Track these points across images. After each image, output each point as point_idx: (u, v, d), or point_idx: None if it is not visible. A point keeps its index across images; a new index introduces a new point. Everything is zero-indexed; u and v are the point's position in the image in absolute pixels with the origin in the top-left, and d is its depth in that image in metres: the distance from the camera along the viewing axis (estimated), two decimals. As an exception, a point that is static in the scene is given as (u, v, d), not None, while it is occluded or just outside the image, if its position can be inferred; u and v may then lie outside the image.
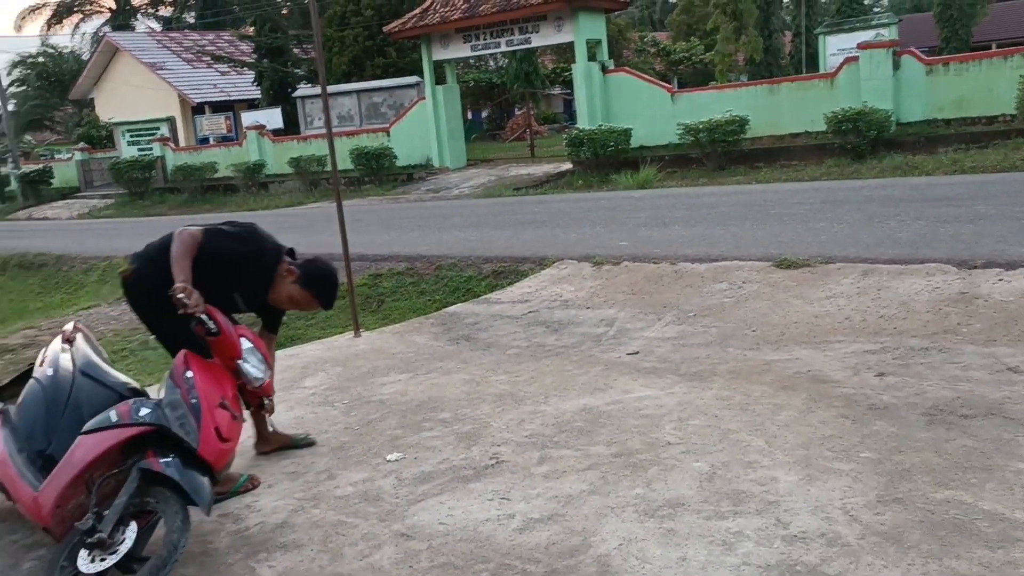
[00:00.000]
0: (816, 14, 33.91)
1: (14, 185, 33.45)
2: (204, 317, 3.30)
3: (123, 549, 2.91)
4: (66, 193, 31.68)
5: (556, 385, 5.13)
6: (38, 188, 32.33)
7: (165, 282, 3.44)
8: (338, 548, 3.32)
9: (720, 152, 16.98)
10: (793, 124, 17.86)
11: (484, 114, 38.36)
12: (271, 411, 4.08)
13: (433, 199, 18.58)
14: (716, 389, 4.77)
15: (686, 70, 38.40)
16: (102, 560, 2.90)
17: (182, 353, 3.37)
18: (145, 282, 3.71)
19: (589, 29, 20.24)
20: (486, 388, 5.22)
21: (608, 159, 17.80)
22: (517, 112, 35.78)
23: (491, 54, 30.94)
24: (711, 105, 18.14)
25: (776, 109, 18.06)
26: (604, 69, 20.35)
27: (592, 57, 20.33)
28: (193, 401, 3.16)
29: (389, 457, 4.19)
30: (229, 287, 3.81)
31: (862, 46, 17.59)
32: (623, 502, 3.47)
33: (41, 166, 33.91)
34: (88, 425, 3.19)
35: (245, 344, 3.53)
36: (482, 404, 4.89)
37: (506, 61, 32.98)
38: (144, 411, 3.15)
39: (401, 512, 3.58)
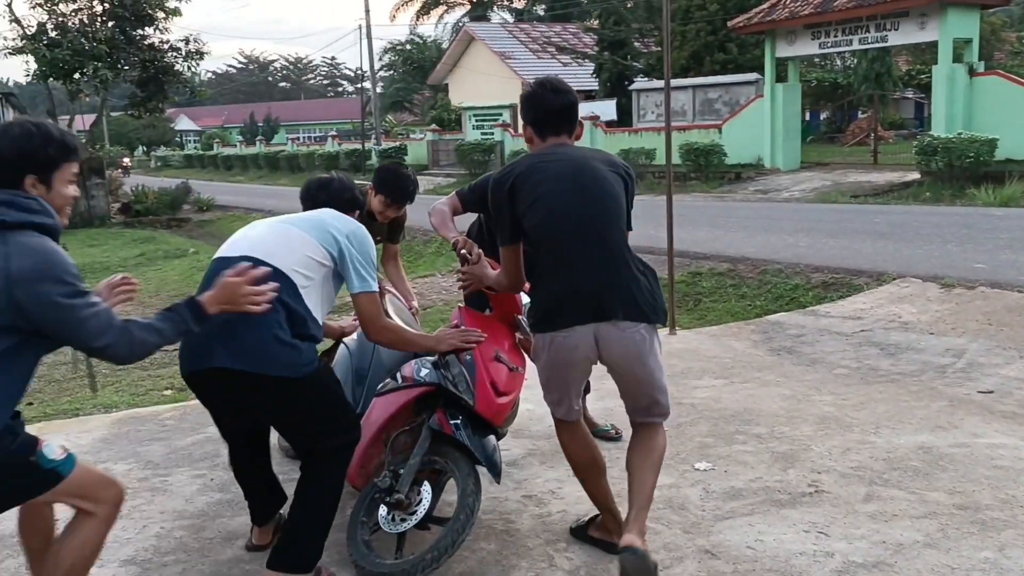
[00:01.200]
0: None
1: (374, 159, 37.29)
2: None
3: (421, 511, 2.99)
4: (414, 170, 34.64)
5: (889, 415, 4.62)
6: (393, 164, 35.75)
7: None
8: (638, 552, 3.19)
9: (1111, 171, 14.62)
10: None
11: (822, 116, 36.33)
12: None
13: (761, 200, 17.86)
14: (1094, 449, 4.03)
15: (1071, 76, 33.52)
16: (403, 521, 2.99)
17: (456, 310, 3.43)
18: None
19: (959, 27, 18.25)
20: (808, 407, 4.83)
21: (965, 171, 15.98)
22: (860, 115, 33.44)
23: (840, 52, 29.07)
24: (1106, 116, 15.63)
25: None
26: (971, 72, 18.26)
27: (958, 59, 18.35)
28: (467, 357, 3.16)
29: (698, 465, 4.00)
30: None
31: None
32: (967, 564, 3.00)
33: (397, 144, 37.46)
34: (380, 387, 3.34)
35: (524, 299, 3.49)
36: (802, 424, 4.52)
37: (854, 60, 30.88)
38: (424, 371, 3.19)
39: (707, 527, 3.38)
